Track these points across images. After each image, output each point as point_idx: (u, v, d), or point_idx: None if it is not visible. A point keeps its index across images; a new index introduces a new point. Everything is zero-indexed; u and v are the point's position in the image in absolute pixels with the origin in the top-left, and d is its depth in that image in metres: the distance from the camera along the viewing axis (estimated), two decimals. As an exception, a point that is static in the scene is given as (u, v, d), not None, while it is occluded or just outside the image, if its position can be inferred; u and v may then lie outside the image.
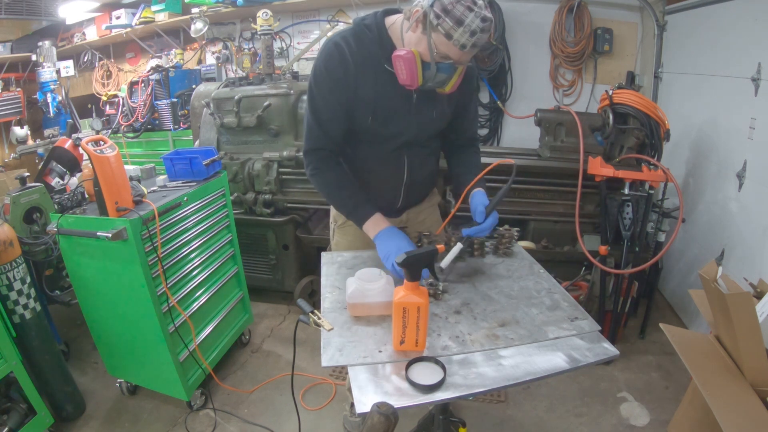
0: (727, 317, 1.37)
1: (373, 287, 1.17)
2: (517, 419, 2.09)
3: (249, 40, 4.08)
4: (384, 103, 1.35)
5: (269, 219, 2.78)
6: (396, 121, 1.39)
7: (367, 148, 1.46)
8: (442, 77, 1.25)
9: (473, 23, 1.13)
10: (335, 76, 1.31)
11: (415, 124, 1.41)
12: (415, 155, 1.48)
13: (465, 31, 1.14)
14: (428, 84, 1.27)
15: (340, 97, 1.33)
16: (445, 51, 1.19)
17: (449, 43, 1.16)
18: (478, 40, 1.15)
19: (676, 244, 2.67)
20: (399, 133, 1.41)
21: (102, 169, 1.71)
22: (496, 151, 2.91)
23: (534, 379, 0.99)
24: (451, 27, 1.14)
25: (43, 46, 4.10)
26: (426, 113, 1.40)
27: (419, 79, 1.24)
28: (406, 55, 1.21)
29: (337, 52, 1.30)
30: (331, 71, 1.31)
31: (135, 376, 2.21)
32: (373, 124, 1.38)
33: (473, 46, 1.16)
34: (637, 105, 2.36)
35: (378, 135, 1.41)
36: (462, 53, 1.18)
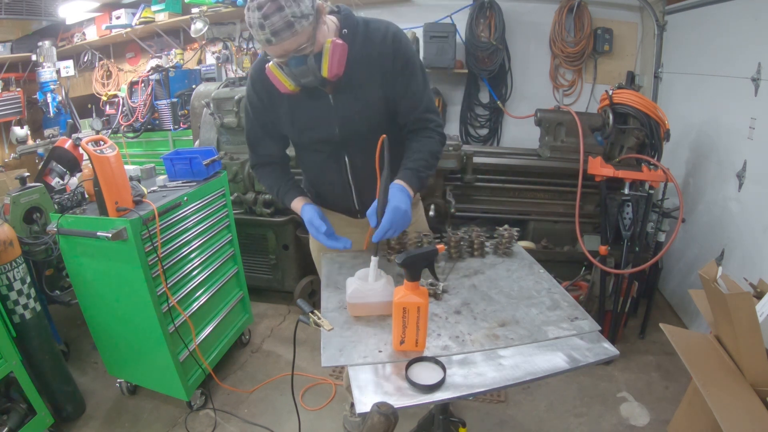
0: (727, 317, 1.37)
1: (373, 287, 1.17)
2: (517, 419, 2.08)
3: (249, 40, 4.08)
4: (300, 112, 1.38)
5: (269, 219, 2.78)
6: (316, 127, 1.38)
7: (309, 155, 1.50)
8: (301, 69, 1.21)
9: (254, 18, 1.10)
10: (254, 106, 1.43)
11: (336, 125, 1.37)
12: (355, 155, 1.43)
13: (256, 30, 1.12)
14: (303, 81, 1.23)
15: (264, 123, 1.44)
16: (270, 52, 1.20)
17: (263, 45, 1.17)
18: (272, 27, 1.10)
19: (676, 244, 2.67)
20: (324, 137, 1.40)
21: (102, 169, 1.71)
22: (496, 151, 2.91)
23: (534, 379, 0.99)
24: (252, 33, 1.15)
25: (43, 46, 4.10)
26: (348, 109, 1.35)
27: (287, 84, 1.25)
28: (267, 70, 1.26)
29: (250, 83, 1.41)
30: (250, 101, 1.43)
31: (135, 376, 2.21)
32: (296, 133, 1.42)
33: (275, 34, 1.11)
34: (637, 105, 2.36)
35: (307, 142, 1.45)
36: (277, 47, 1.15)
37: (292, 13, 1.10)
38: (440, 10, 3.52)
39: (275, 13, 1.09)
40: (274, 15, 1.09)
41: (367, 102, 1.35)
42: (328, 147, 1.42)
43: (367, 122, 1.37)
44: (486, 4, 3.40)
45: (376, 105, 1.37)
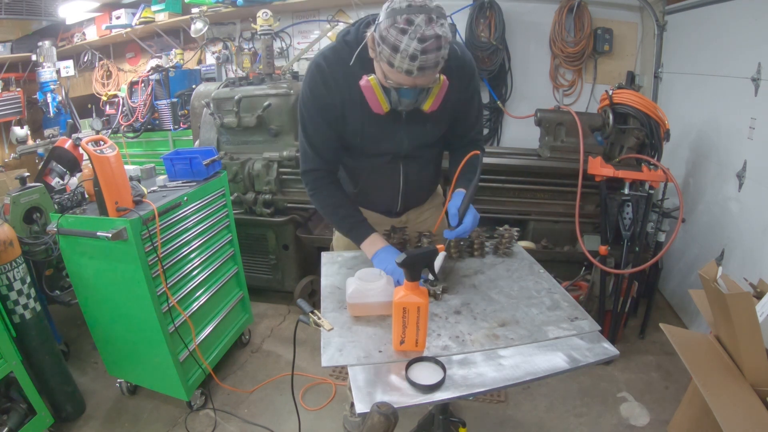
0: (727, 317, 1.37)
1: (373, 287, 1.17)
2: (517, 419, 2.09)
3: (249, 40, 4.08)
4: (372, 123, 1.31)
5: (269, 219, 2.78)
6: (386, 139, 1.37)
7: (362, 159, 1.46)
8: (408, 102, 1.19)
9: (410, 47, 1.02)
10: (320, 99, 1.30)
11: (406, 139, 1.37)
12: (411, 165, 1.47)
13: (403, 57, 1.04)
14: (399, 108, 1.22)
15: (328, 118, 1.32)
16: (395, 78, 1.12)
17: (393, 70, 1.08)
18: (423, 63, 1.04)
19: (676, 244, 2.67)
20: (390, 150, 1.40)
21: (102, 169, 1.71)
22: (496, 151, 2.91)
23: (534, 379, 0.99)
24: (390, 54, 1.05)
25: (43, 46, 4.10)
26: (418, 126, 1.35)
27: (384, 106, 1.21)
28: (365, 84, 1.19)
29: (319, 74, 1.28)
30: (316, 94, 1.30)
31: (135, 376, 2.21)
32: (362, 143, 1.38)
33: (421, 70, 1.05)
34: (637, 105, 2.36)
35: (370, 151, 1.42)
36: (414, 79, 1.09)
37: (443, 55, 1.07)
38: (440, 10, 3.52)
39: (433, 51, 1.04)
40: (432, 53, 1.04)
41: (436, 123, 1.38)
42: (389, 156, 1.43)
43: (429, 140, 1.43)
44: (486, 4, 3.40)
45: (442, 126, 1.41)
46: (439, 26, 1.04)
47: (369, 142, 1.37)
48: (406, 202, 1.57)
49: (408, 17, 1.02)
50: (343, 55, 1.26)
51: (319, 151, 1.38)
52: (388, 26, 1.04)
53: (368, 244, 1.39)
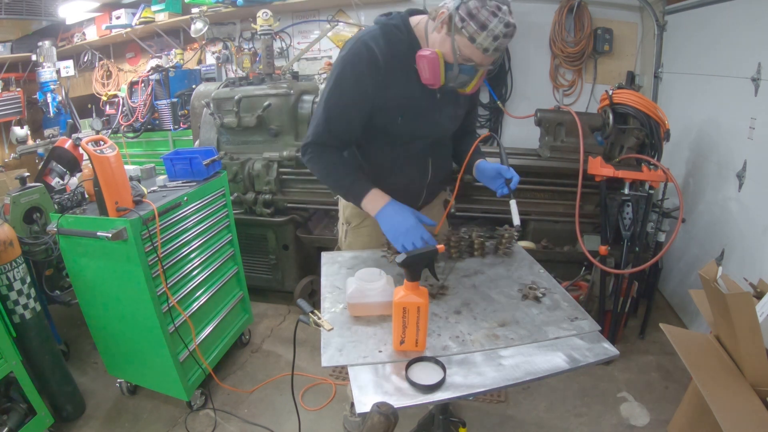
0: (727, 317, 1.37)
1: (373, 287, 1.17)
2: (517, 419, 2.09)
3: (249, 40, 4.09)
4: (413, 104, 1.37)
5: (269, 219, 2.78)
6: (424, 121, 1.41)
7: (394, 149, 1.45)
8: (464, 78, 1.27)
9: (497, 28, 1.15)
10: (360, 78, 1.29)
11: (440, 123, 1.45)
12: (437, 154, 1.53)
13: (488, 36, 1.15)
14: (450, 84, 1.28)
15: (359, 99, 1.32)
16: (468, 54, 1.21)
17: (472, 46, 1.18)
18: (500, 44, 1.17)
19: (676, 244, 2.66)
20: (427, 132, 1.45)
21: (102, 169, 1.71)
22: (496, 151, 2.90)
23: (534, 379, 0.99)
24: (475, 31, 1.16)
25: (43, 46, 4.10)
26: (448, 112, 1.44)
27: (441, 78, 1.26)
28: (431, 55, 1.23)
29: (368, 53, 1.28)
30: (358, 73, 1.29)
31: (135, 376, 2.21)
32: (403, 125, 1.39)
33: (495, 50, 1.18)
34: (637, 105, 2.36)
35: (406, 135, 1.43)
36: (484, 57, 1.20)
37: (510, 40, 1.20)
38: (440, 10, 3.52)
39: (509, 38, 1.18)
40: (508, 38, 1.18)
41: (459, 111, 1.49)
42: (421, 144, 1.46)
43: (454, 128, 1.53)
44: (486, 4, 3.40)
45: (463, 114, 1.53)
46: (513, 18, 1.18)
47: (409, 124, 1.39)
48: (429, 194, 1.60)
49: (497, 4, 1.16)
50: (391, 36, 1.32)
51: (332, 126, 1.36)
52: (479, 7, 1.15)
53: (370, 201, 1.36)
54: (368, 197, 1.36)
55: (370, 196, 1.36)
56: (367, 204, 1.36)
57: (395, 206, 1.34)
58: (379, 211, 1.34)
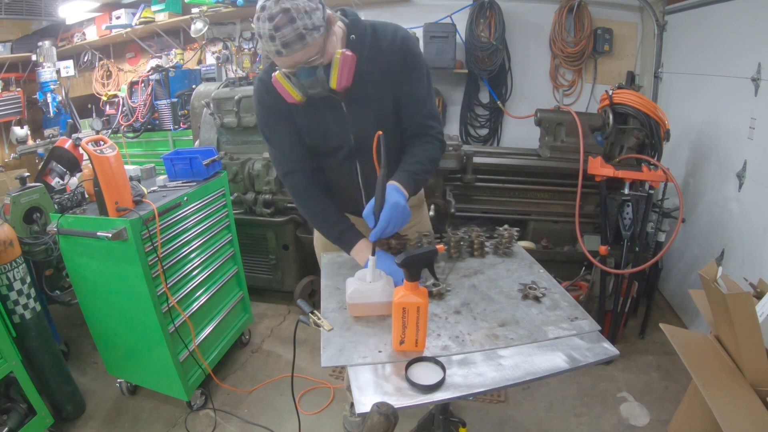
0: (727, 317, 1.37)
1: (373, 287, 1.17)
2: (517, 419, 2.08)
3: (249, 40, 4.08)
4: (315, 119, 1.35)
5: (269, 219, 2.78)
6: (331, 134, 1.38)
7: (321, 159, 1.46)
8: (310, 81, 1.20)
9: (264, 29, 1.08)
10: (268, 106, 1.35)
11: (351, 132, 1.37)
12: (367, 159, 1.39)
13: (266, 41, 1.11)
14: (310, 91, 1.23)
15: (282, 120, 1.37)
16: (279, 63, 1.18)
17: (272, 56, 1.15)
18: (283, 39, 1.08)
19: (676, 244, 2.67)
20: (339, 145, 1.40)
21: (102, 169, 1.71)
22: (496, 151, 2.91)
23: (534, 379, 0.99)
24: (262, 44, 1.14)
25: (43, 46, 4.10)
26: (361, 116, 1.35)
27: (294, 95, 1.23)
28: (273, 80, 1.23)
29: (261, 86, 1.35)
30: (264, 103, 1.36)
31: (135, 376, 2.21)
32: (312, 140, 1.40)
33: (285, 46, 1.10)
34: (637, 105, 2.36)
35: (322, 148, 1.42)
36: (287, 58, 1.13)
37: (303, 26, 1.08)
38: (440, 10, 3.52)
39: (287, 25, 1.07)
40: (286, 27, 1.07)
41: (379, 109, 1.36)
42: (341, 153, 1.42)
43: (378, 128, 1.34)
44: (486, 4, 3.40)
45: (387, 111, 1.38)
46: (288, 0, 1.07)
47: (317, 138, 1.39)
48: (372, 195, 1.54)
49: (261, 3, 1.08)
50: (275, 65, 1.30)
51: (287, 153, 1.41)
52: (254, 20, 1.12)
53: (357, 251, 1.38)
54: (356, 249, 1.38)
55: (357, 248, 1.38)
56: (354, 254, 1.39)
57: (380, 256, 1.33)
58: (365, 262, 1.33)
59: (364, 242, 1.38)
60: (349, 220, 1.44)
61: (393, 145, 1.45)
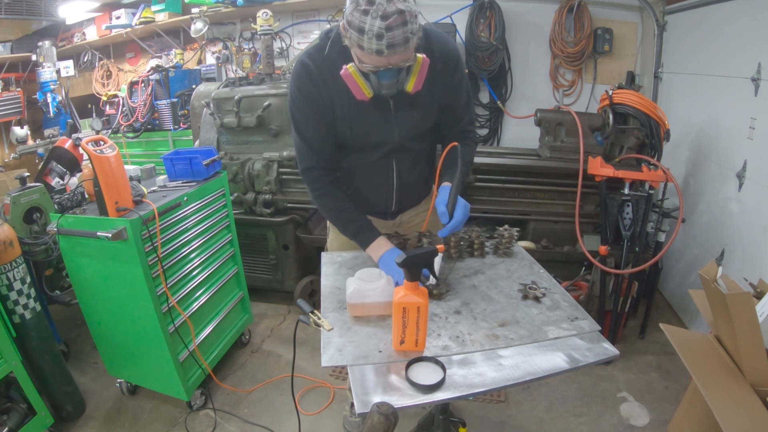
0: (727, 317, 1.37)
1: (373, 287, 1.17)
2: (517, 419, 2.09)
3: (249, 40, 4.09)
4: (360, 115, 1.33)
5: (269, 219, 2.78)
6: (375, 131, 1.37)
7: (355, 156, 1.45)
8: (389, 83, 1.20)
9: (374, 26, 1.05)
10: (308, 96, 1.32)
11: (396, 130, 1.37)
12: (403, 159, 1.45)
13: (371, 38, 1.06)
14: (383, 92, 1.22)
15: (320, 114, 1.34)
16: (368, 60, 1.14)
17: (364, 52, 1.11)
18: (391, 40, 1.06)
19: (676, 244, 2.67)
20: (381, 141, 1.39)
21: (102, 169, 1.71)
22: (496, 151, 2.91)
23: (534, 379, 0.99)
24: (358, 38, 1.09)
25: (43, 46, 4.10)
26: (407, 117, 1.36)
27: (366, 92, 1.22)
28: (344, 73, 1.21)
29: (305, 71, 1.30)
30: (304, 91, 1.32)
31: (135, 376, 2.21)
32: (352, 137, 1.38)
33: (391, 47, 1.08)
34: (637, 105, 2.36)
35: (360, 145, 1.41)
36: (384, 58, 1.11)
37: (411, 30, 1.09)
38: (440, 10, 3.52)
39: (399, 27, 1.06)
40: (398, 29, 1.06)
41: (425, 111, 1.38)
42: (380, 151, 1.41)
43: (420, 131, 1.41)
44: (486, 4, 3.40)
45: (432, 114, 1.41)
46: (401, 2, 1.06)
47: (359, 135, 1.38)
48: (401, 201, 1.55)
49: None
50: (330, 52, 1.28)
51: (315, 148, 1.39)
52: (352, 10, 1.07)
53: (374, 248, 1.38)
54: (373, 245, 1.39)
55: (375, 245, 1.38)
56: (371, 251, 1.39)
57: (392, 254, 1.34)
58: (379, 258, 1.37)
59: (382, 239, 1.39)
60: (366, 218, 1.45)
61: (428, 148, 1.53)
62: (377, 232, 1.41)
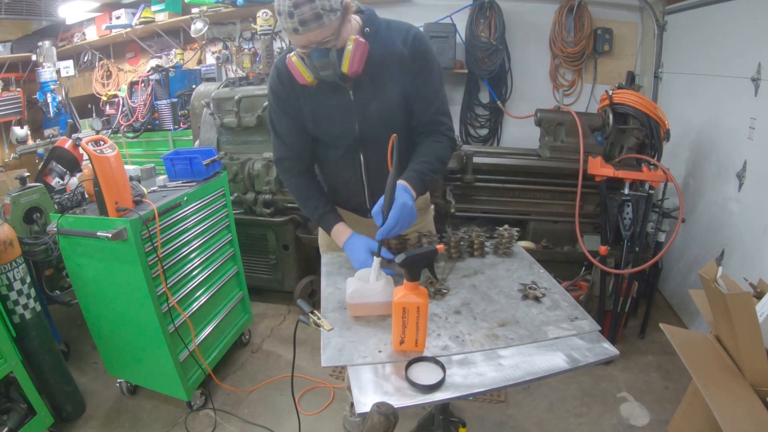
0: (727, 317, 1.37)
1: (373, 287, 1.17)
2: (517, 419, 2.09)
3: (249, 40, 4.09)
4: (322, 107, 1.38)
5: (269, 219, 2.78)
6: (336, 122, 1.40)
7: (325, 151, 1.50)
8: (323, 62, 1.23)
9: (284, 6, 1.12)
10: (279, 95, 1.42)
11: (356, 120, 1.39)
12: (371, 153, 1.44)
13: (285, 18, 1.14)
14: (321, 73, 1.26)
15: (288, 112, 1.42)
16: (294, 42, 1.21)
17: (288, 33, 1.18)
18: (301, 17, 1.12)
19: (676, 244, 2.67)
20: (343, 133, 1.41)
21: (102, 169, 1.71)
22: (496, 151, 2.91)
23: (534, 379, 0.99)
24: (279, 21, 1.16)
25: (43, 46, 4.10)
26: (368, 106, 1.37)
27: (306, 76, 1.27)
28: (288, 61, 1.28)
29: (276, 73, 1.40)
30: (275, 91, 1.42)
31: (135, 376, 2.21)
32: (317, 128, 1.43)
33: (303, 24, 1.13)
34: (637, 105, 2.36)
35: (327, 138, 1.45)
36: (302, 36, 1.17)
37: (321, 6, 1.12)
38: (440, 10, 3.52)
39: (306, 4, 1.11)
40: (305, 5, 1.11)
41: (386, 100, 1.37)
42: (345, 143, 1.43)
43: (384, 120, 1.40)
44: (486, 4, 3.40)
45: (394, 104, 1.39)
46: None
47: (322, 126, 1.42)
48: (374, 197, 1.52)
49: None
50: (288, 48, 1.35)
51: (284, 140, 1.47)
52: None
53: (336, 234, 1.44)
54: (334, 231, 1.45)
55: (336, 230, 1.45)
56: (334, 237, 1.46)
57: (354, 240, 1.40)
58: (343, 244, 1.42)
59: (341, 225, 1.45)
60: (332, 204, 1.51)
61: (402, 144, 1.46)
62: (338, 218, 1.46)
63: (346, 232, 1.42)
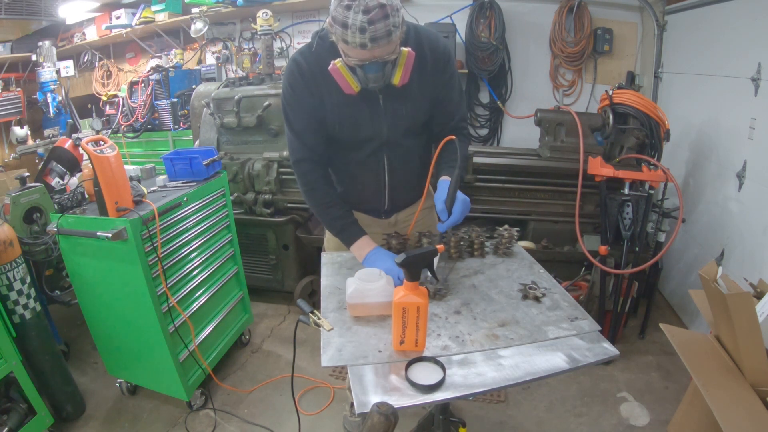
0: (727, 317, 1.37)
1: (373, 287, 1.17)
2: (517, 419, 2.09)
3: (249, 40, 4.08)
4: (349, 109, 1.36)
5: (269, 219, 2.78)
6: (365, 125, 1.39)
7: (346, 152, 1.47)
8: (375, 76, 1.22)
9: (356, 20, 1.08)
10: (299, 91, 1.36)
11: (385, 124, 1.39)
12: (394, 156, 1.46)
13: (354, 32, 1.10)
14: (370, 85, 1.25)
15: (308, 109, 1.37)
16: (354, 55, 1.18)
17: (349, 46, 1.15)
18: (373, 33, 1.09)
19: (676, 244, 2.67)
20: (370, 136, 1.41)
21: (102, 169, 1.71)
22: (496, 151, 2.91)
23: (534, 379, 0.99)
24: (342, 33, 1.12)
25: (43, 46, 4.10)
26: (396, 110, 1.38)
27: (354, 85, 1.25)
28: (332, 68, 1.25)
29: (296, 67, 1.35)
30: (295, 87, 1.36)
31: (135, 376, 2.21)
32: (342, 131, 1.40)
33: (374, 40, 1.11)
34: (637, 105, 2.36)
35: (350, 141, 1.43)
36: (368, 52, 1.14)
37: (393, 23, 1.11)
38: (440, 10, 3.52)
39: (381, 21, 1.09)
40: (380, 22, 1.09)
41: (415, 106, 1.39)
42: (370, 146, 1.43)
43: (412, 124, 1.43)
44: (486, 4, 3.40)
45: (422, 109, 1.42)
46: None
47: (349, 129, 1.39)
48: (393, 199, 1.55)
49: None
50: (318, 47, 1.32)
51: (305, 141, 1.41)
52: (336, 5, 1.11)
53: (358, 247, 1.41)
54: (356, 244, 1.42)
55: (358, 243, 1.42)
56: (354, 250, 1.43)
57: (376, 254, 1.38)
58: (364, 258, 1.40)
59: (366, 239, 1.42)
60: (353, 216, 1.47)
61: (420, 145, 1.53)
62: (362, 231, 1.43)
63: (368, 245, 1.41)
